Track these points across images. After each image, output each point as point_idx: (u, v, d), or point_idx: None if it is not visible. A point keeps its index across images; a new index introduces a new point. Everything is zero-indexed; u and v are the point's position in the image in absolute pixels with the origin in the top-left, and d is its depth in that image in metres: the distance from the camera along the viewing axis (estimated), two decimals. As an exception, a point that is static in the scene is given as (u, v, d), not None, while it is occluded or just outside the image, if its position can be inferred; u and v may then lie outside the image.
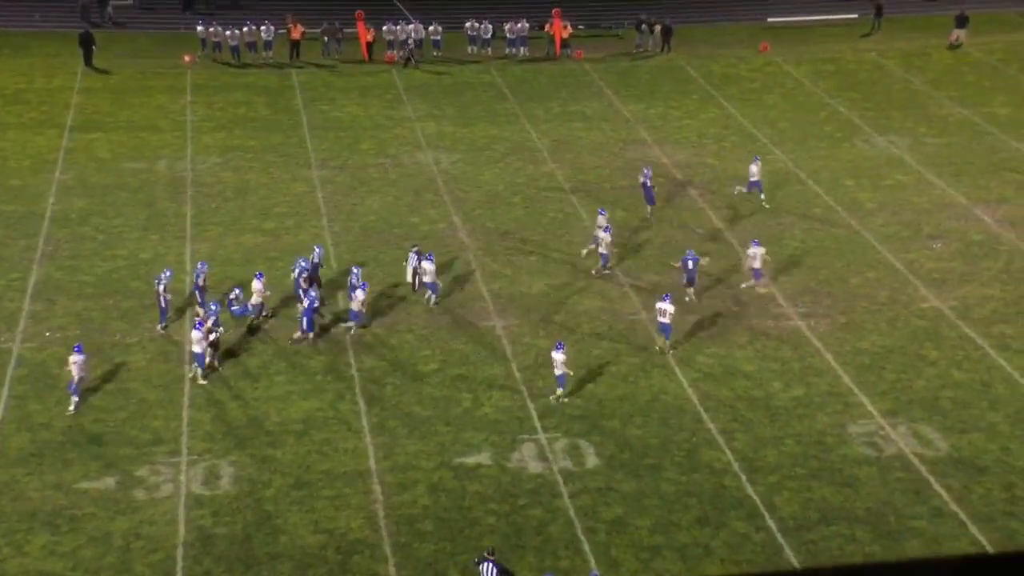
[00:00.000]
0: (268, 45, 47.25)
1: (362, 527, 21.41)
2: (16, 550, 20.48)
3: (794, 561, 20.93)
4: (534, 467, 23.25)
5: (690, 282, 29.43)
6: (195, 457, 23.16)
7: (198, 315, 27.26)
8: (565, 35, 49.54)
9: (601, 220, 31.58)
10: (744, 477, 23.16)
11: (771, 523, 21.89)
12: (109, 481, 22.38)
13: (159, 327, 27.25)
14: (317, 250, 29.45)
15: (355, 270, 28.29)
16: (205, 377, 25.47)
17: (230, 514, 21.61)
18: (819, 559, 20.98)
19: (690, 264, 29.35)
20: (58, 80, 44.32)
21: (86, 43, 45.35)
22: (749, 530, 21.69)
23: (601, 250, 30.97)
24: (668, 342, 27.47)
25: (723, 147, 40.28)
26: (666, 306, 27.31)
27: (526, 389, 25.79)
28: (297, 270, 28.37)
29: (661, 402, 25.56)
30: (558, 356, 25.37)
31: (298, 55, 47.24)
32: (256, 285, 27.64)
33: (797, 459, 23.77)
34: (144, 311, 28.26)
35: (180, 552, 20.63)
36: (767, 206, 34.95)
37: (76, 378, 24.18)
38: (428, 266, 28.73)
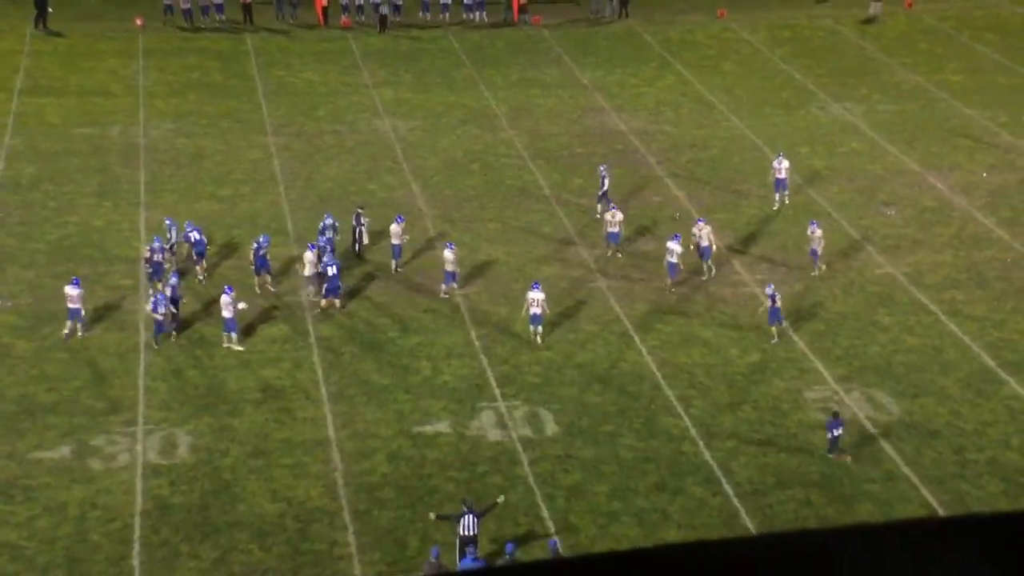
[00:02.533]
0: (220, 8, 46.53)
1: (321, 495, 21.39)
2: (-30, 521, 20.28)
3: (750, 525, 21.23)
4: (493, 435, 23.33)
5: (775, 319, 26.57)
6: (152, 426, 22.99)
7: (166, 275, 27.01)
8: (523, 1, 49.25)
9: (611, 216, 30.02)
10: (701, 443, 23.41)
11: (728, 488, 22.17)
12: (64, 451, 22.18)
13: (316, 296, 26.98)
14: (327, 220, 28.84)
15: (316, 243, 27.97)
16: (240, 343, 25.46)
17: (187, 483, 21.51)
18: (775, 523, 21.29)
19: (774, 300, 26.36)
20: (6, 43, 43.41)
21: (41, 3, 44.38)
22: (706, 495, 21.95)
23: (611, 229, 29.77)
24: (671, 281, 28.29)
25: (680, 114, 40.36)
26: (674, 246, 28.18)
27: (485, 357, 25.83)
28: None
29: (620, 369, 25.71)
30: (538, 295, 25.72)
31: (251, 19, 46.56)
32: (308, 256, 27.15)
33: (753, 425, 24.05)
34: (98, 279, 27.90)
35: (137, 521, 20.51)
36: (775, 208, 32.81)
37: (73, 307, 25.31)
38: (449, 255, 27.67)
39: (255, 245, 27.73)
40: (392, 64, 43.77)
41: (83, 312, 25.65)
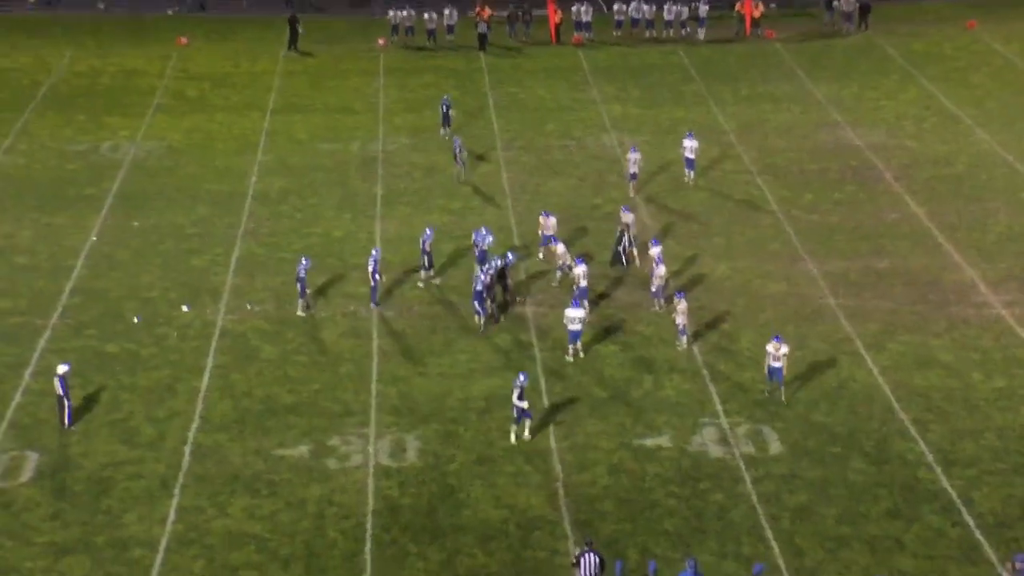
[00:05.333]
0: (450, 29, 48.04)
1: (542, 504, 21.64)
2: (220, 511, 21.64)
3: (994, 559, 20.02)
4: (715, 451, 22.98)
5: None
6: (383, 429, 23.89)
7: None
8: (756, 14, 48.46)
9: (655, 251, 28.19)
10: (939, 470, 22.27)
11: (968, 518, 20.97)
12: (303, 449, 23.34)
13: (373, 305, 28.14)
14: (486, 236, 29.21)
15: (509, 255, 28.49)
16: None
17: (416, 486, 22.22)
18: (1019, 559, 19.97)
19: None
20: (262, 64, 46.30)
21: (292, 25, 47.12)
22: (944, 525, 20.85)
23: (654, 284, 27.61)
24: None
25: (922, 129, 38.70)
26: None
27: (707, 372, 25.49)
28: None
29: (849, 389, 24.82)
30: (577, 313, 25.82)
31: (487, 40, 47.59)
32: (581, 269, 27.69)
33: (998, 453, 22.70)
34: (335, 287, 29.30)
35: (369, 520, 21.36)
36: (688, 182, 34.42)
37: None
38: (660, 270, 27.55)
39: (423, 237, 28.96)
40: (621, 80, 43.95)
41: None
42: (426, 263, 29.25)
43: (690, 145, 34.51)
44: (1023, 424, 23.57)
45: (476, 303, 27.02)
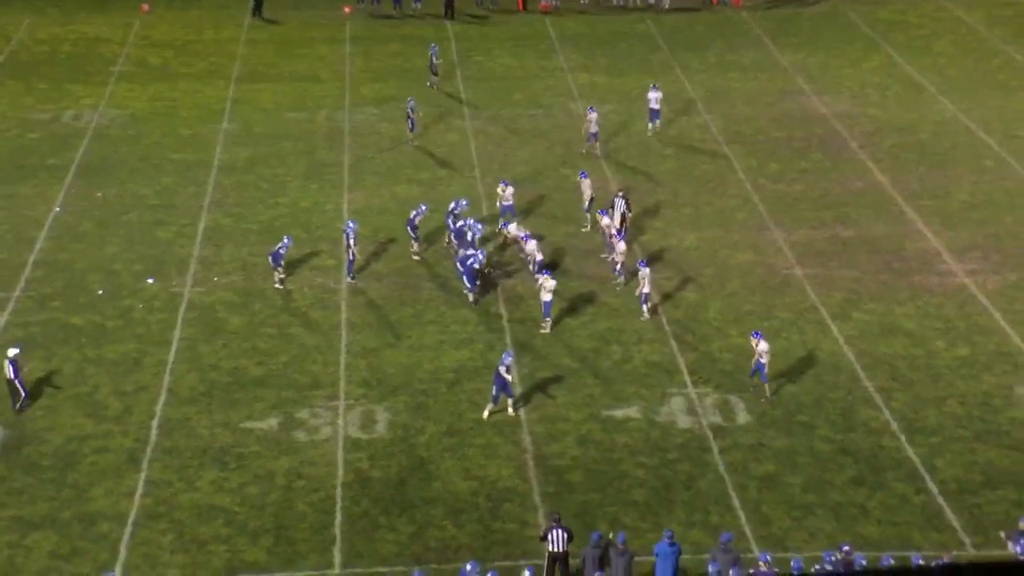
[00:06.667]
0: (418, -5, 47.53)
1: (512, 476, 21.75)
2: (188, 484, 21.60)
3: (956, 524, 20.39)
4: (683, 421, 23.17)
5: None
6: (352, 402, 23.89)
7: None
8: (722, -18, 48.36)
9: (605, 220, 28.36)
10: (903, 437, 22.59)
11: (932, 485, 21.32)
12: (272, 422, 23.31)
13: (348, 278, 27.94)
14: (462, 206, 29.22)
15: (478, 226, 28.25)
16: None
17: (385, 458, 22.26)
18: (983, 523, 20.37)
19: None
20: (226, 32, 45.70)
21: None
22: (908, 492, 21.19)
23: (616, 260, 27.39)
24: None
25: (886, 97, 38.89)
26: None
27: (676, 343, 25.65)
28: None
29: (815, 359, 25.07)
30: (549, 282, 25.60)
31: (454, 8, 47.25)
32: (511, 228, 28.29)
33: (961, 420, 23.05)
34: (303, 259, 29.14)
35: (339, 493, 21.39)
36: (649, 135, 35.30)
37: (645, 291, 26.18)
38: (622, 246, 27.43)
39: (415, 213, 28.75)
40: (588, 48, 43.79)
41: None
42: (414, 236, 29.03)
43: (655, 96, 35.48)
44: (985, 391, 23.93)
45: (466, 278, 26.83)
